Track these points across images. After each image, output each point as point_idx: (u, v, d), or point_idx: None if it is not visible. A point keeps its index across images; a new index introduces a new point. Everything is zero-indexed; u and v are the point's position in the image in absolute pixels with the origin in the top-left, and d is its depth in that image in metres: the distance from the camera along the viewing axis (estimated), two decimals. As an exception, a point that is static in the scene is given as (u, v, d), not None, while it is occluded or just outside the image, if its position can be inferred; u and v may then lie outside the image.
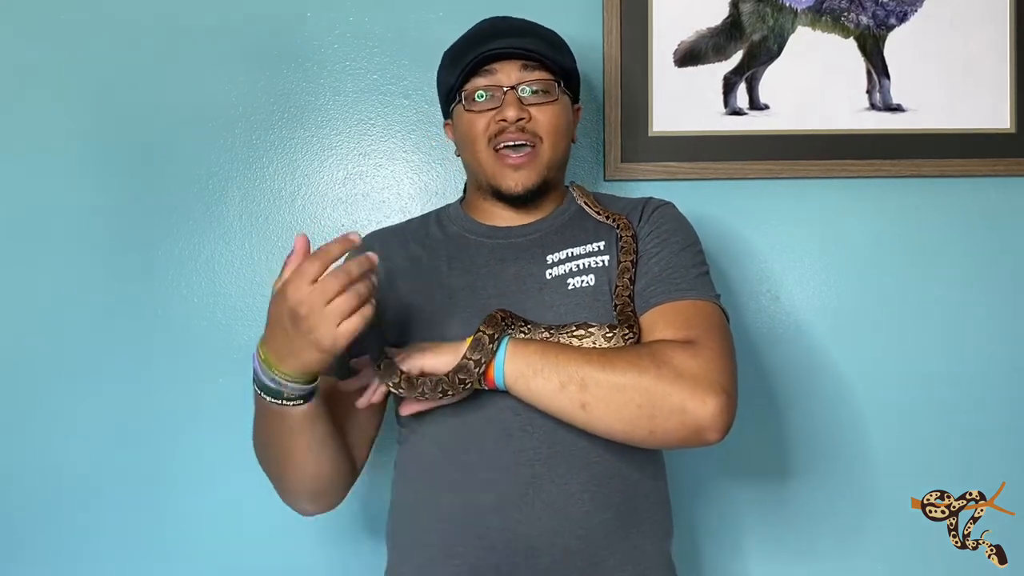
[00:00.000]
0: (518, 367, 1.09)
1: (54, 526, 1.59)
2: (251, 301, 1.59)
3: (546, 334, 1.14)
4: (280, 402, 1.07)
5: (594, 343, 1.12)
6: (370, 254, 1.01)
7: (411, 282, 1.24)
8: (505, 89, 1.21)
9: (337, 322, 0.97)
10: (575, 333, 1.13)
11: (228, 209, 1.59)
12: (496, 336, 1.09)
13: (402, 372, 1.10)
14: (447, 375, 1.09)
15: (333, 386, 1.19)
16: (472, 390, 1.12)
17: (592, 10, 1.57)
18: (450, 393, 1.10)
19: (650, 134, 1.57)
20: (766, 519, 1.61)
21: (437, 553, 1.16)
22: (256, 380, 1.07)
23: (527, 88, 1.22)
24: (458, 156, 1.32)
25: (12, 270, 1.58)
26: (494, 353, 1.09)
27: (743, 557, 1.61)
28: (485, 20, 1.30)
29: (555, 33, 1.30)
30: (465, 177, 1.35)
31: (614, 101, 1.56)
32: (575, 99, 1.31)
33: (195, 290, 1.59)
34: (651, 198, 1.31)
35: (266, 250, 1.59)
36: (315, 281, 0.98)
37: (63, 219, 1.58)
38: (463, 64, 1.23)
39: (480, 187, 1.28)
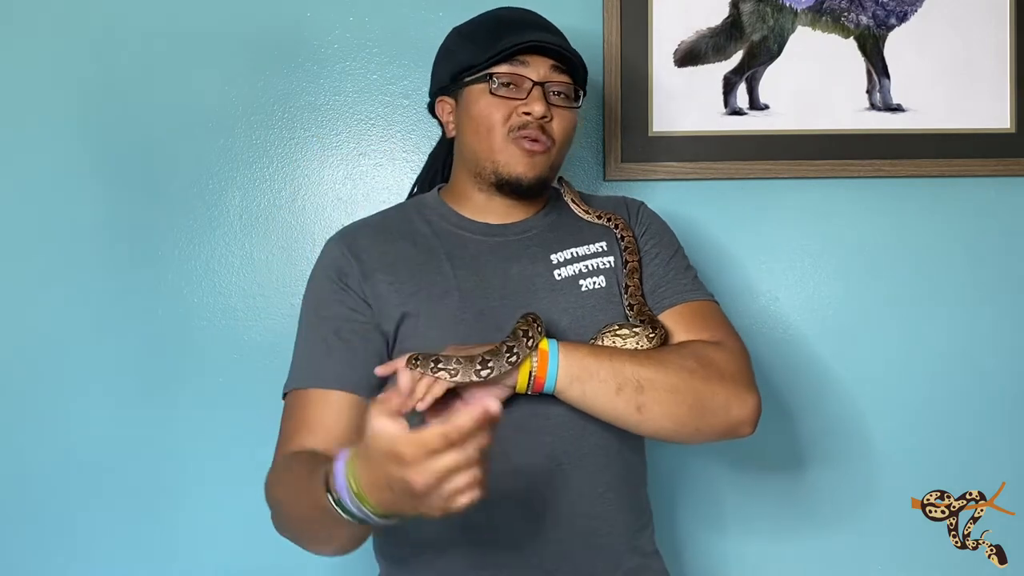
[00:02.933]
0: (573, 371, 1.08)
1: (53, 524, 1.59)
2: (251, 301, 1.59)
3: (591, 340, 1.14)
4: (356, 521, 0.94)
5: (637, 344, 1.13)
6: (492, 407, 0.84)
7: (415, 284, 1.18)
8: (535, 83, 1.19)
9: (453, 500, 0.86)
10: (619, 332, 1.13)
11: (228, 209, 1.59)
12: (531, 334, 1.06)
13: (463, 357, 1.02)
14: (479, 360, 1.02)
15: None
16: (502, 374, 1.04)
17: (592, 10, 1.57)
18: (491, 367, 1.03)
19: (650, 134, 1.57)
20: (765, 520, 1.61)
21: (460, 564, 1.14)
22: (337, 501, 0.92)
23: (554, 89, 1.20)
24: (450, 137, 1.28)
25: (13, 270, 1.58)
26: (528, 348, 1.05)
27: (732, 561, 1.62)
28: (511, 8, 1.27)
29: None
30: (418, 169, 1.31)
31: (614, 101, 1.56)
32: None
33: (195, 290, 1.59)
34: (627, 198, 1.31)
35: (266, 250, 1.59)
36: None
37: (64, 219, 1.58)
38: (498, 47, 1.18)
39: (479, 174, 1.22)
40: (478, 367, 1.02)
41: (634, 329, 1.13)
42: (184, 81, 1.58)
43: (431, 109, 1.30)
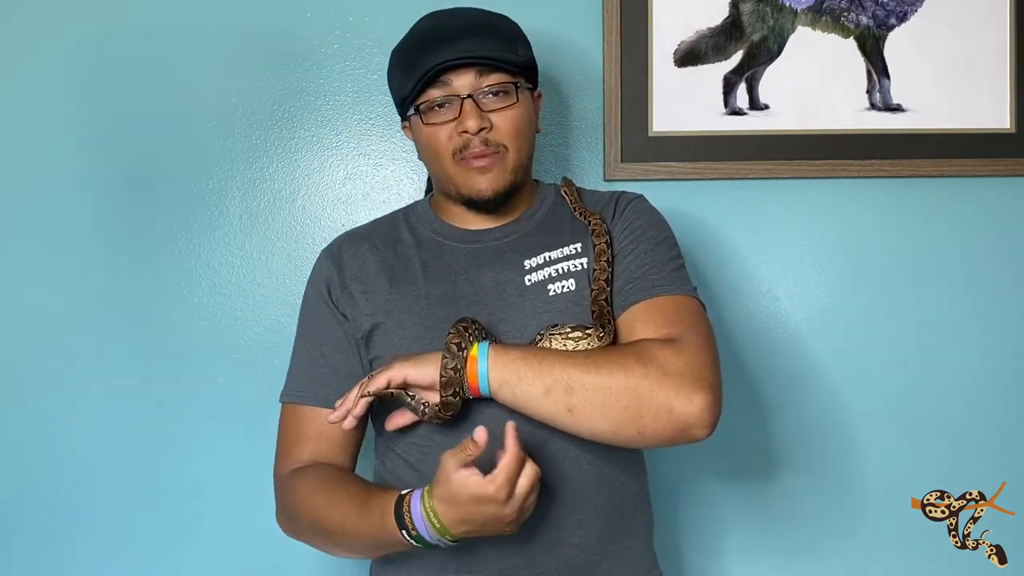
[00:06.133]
0: (501, 374, 1.07)
1: (51, 524, 1.59)
2: (251, 301, 1.59)
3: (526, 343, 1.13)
4: (428, 548, 1.08)
5: (588, 345, 1.11)
6: (511, 425, 1.03)
7: (387, 293, 1.21)
8: (463, 98, 1.17)
9: (527, 512, 1.05)
10: (571, 335, 1.11)
11: (228, 209, 1.59)
12: (463, 344, 1.08)
13: (425, 401, 1.11)
14: (442, 396, 1.08)
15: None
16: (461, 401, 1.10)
17: (592, 10, 1.57)
18: (451, 412, 1.10)
19: (650, 134, 1.57)
20: (763, 519, 1.61)
21: (427, 569, 1.16)
22: (415, 535, 1.06)
23: (485, 92, 1.18)
24: (420, 160, 1.29)
25: (12, 270, 1.58)
26: (465, 360, 1.08)
27: (729, 556, 1.62)
28: (432, 16, 1.25)
29: (507, 21, 1.24)
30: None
31: (614, 101, 1.56)
32: (535, 85, 1.27)
33: (195, 290, 1.59)
34: (623, 192, 1.28)
35: (266, 250, 1.59)
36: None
37: (63, 219, 1.58)
38: (416, 76, 1.17)
39: (449, 195, 1.24)
40: (450, 415, 1.11)
41: (587, 331, 1.12)
42: (184, 81, 1.58)
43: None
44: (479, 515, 1.01)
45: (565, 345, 1.11)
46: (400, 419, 1.14)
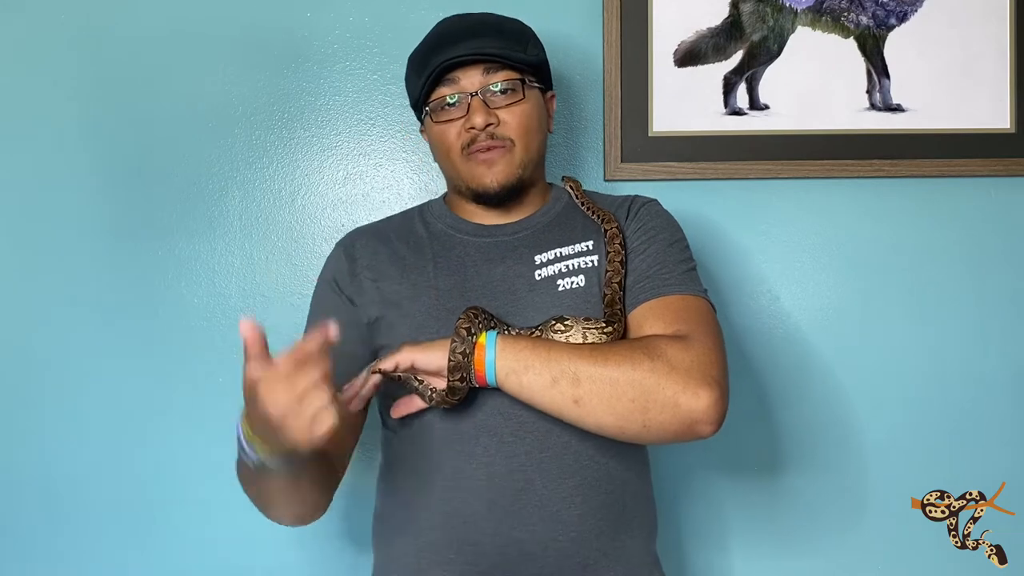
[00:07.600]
0: (508, 363, 1.08)
1: (49, 524, 1.59)
2: (251, 301, 1.59)
3: (536, 332, 1.13)
4: (262, 468, 1.04)
5: (609, 337, 1.11)
6: (329, 328, 0.95)
7: (397, 283, 1.23)
8: (470, 95, 1.20)
9: (312, 423, 0.92)
10: (554, 328, 1.12)
11: (228, 209, 1.59)
12: (473, 330, 1.09)
13: (432, 387, 1.11)
14: (449, 380, 1.08)
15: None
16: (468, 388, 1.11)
17: (592, 10, 1.57)
18: (458, 397, 1.10)
19: (650, 134, 1.58)
20: (764, 517, 1.61)
21: (427, 559, 1.16)
22: (240, 448, 1.04)
23: (492, 89, 1.21)
24: (435, 163, 1.31)
25: (12, 270, 1.58)
26: (474, 346, 1.08)
27: (731, 554, 1.62)
28: (444, 20, 1.28)
29: (518, 23, 1.27)
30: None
31: (614, 101, 1.56)
32: (548, 87, 1.29)
33: (195, 290, 1.59)
34: (636, 196, 1.30)
35: (266, 250, 1.59)
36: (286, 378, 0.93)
37: (63, 218, 1.58)
38: (424, 75, 1.21)
39: (460, 192, 1.27)
40: (456, 400, 1.10)
41: (614, 326, 1.13)
42: (184, 81, 1.58)
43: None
44: (254, 415, 0.96)
45: (601, 339, 1.11)
46: (405, 407, 1.15)
